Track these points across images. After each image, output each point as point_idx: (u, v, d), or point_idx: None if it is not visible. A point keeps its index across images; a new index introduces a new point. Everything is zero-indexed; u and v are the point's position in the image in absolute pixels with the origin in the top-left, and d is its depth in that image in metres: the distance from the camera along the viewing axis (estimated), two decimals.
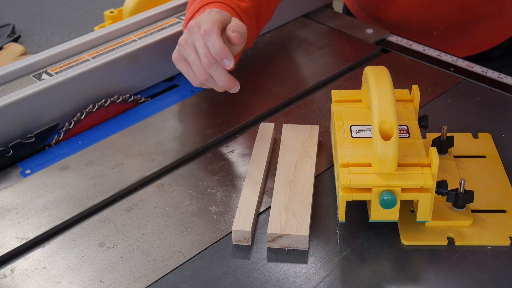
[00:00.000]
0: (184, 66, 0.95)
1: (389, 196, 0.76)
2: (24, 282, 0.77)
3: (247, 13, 1.01)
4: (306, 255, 0.80)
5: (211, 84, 0.93)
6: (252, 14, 1.02)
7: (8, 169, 0.95)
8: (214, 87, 0.93)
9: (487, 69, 1.12)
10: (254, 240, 0.82)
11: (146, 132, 1.00)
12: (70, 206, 0.87)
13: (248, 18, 1.01)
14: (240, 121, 1.01)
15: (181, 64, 0.95)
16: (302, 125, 0.97)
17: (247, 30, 0.97)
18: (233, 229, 0.81)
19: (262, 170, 0.90)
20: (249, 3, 1.02)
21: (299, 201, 0.84)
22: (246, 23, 1.00)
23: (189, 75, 0.95)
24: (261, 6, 1.06)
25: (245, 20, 1.00)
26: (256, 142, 0.94)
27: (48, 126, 0.99)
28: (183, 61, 0.95)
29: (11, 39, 1.83)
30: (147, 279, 0.77)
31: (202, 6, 0.99)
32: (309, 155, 0.91)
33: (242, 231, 0.80)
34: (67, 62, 1.03)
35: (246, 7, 1.01)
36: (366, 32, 1.23)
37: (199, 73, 0.92)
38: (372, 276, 0.77)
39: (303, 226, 0.80)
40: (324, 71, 1.14)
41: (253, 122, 1.02)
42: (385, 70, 0.83)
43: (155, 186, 0.91)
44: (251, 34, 1.03)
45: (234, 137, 0.99)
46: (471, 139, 0.96)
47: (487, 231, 0.81)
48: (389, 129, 0.77)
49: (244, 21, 1.00)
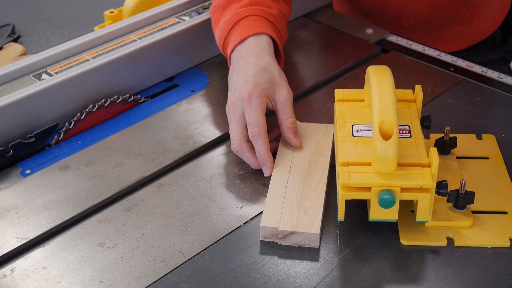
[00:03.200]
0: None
1: (388, 196, 0.76)
2: (24, 282, 0.77)
3: (278, 19, 1.02)
4: (306, 255, 0.80)
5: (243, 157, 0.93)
6: (281, 18, 1.04)
7: (8, 169, 0.95)
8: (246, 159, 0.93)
9: (487, 69, 1.12)
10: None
11: (146, 132, 1.00)
12: (70, 206, 0.87)
13: (280, 24, 1.03)
14: None
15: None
16: (317, 124, 0.97)
17: (282, 33, 1.01)
18: (261, 226, 0.81)
19: (289, 167, 0.90)
20: (276, 7, 1.04)
21: (311, 199, 0.84)
22: (280, 29, 1.02)
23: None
24: (282, 6, 1.08)
25: (278, 26, 1.01)
26: (281, 139, 0.95)
27: (48, 126, 0.99)
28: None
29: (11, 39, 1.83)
30: (147, 279, 0.77)
31: (237, 22, 1.00)
32: (323, 153, 0.92)
33: (270, 227, 0.81)
34: (67, 62, 1.03)
35: (277, 14, 1.02)
36: (366, 32, 1.23)
37: (234, 140, 0.91)
38: (372, 276, 0.77)
39: (314, 224, 0.81)
40: (324, 71, 1.14)
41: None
42: (387, 69, 0.83)
43: (155, 186, 0.91)
44: (286, 37, 1.05)
45: None
46: (475, 140, 0.96)
47: (487, 232, 0.81)
48: (389, 129, 0.77)
49: (278, 27, 1.01)
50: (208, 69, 1.15)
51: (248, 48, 0.96)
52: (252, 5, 1.01)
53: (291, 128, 0.92)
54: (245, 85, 0.91)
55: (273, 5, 1.03)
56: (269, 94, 0.92)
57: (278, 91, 0.93)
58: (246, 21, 0.99)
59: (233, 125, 0.92)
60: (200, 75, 1.14)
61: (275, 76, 0.94)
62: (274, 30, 1.00)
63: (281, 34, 1.02)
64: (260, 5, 1.01)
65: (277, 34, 1.01)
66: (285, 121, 0.92)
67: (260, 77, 0.92)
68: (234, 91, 0.93)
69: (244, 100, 0.90)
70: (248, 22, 0.99)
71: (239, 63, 0.95)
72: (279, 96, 0.93)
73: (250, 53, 0.95)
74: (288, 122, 0.92)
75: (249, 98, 0.90)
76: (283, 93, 0.93)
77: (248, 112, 0.90)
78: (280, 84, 0.93)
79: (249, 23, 0.99)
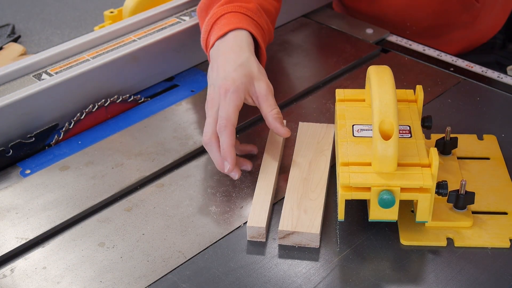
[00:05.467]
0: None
1: (388, 196, 0.76)
2: (24, 282, 0.77)
3: (257, 13, 1.01)
4: (306, 255, 0.80)
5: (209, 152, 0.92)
6: (261, 11, 1.03)
7: (8, 169, 0.95)
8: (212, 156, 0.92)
9: (487, 69, 1.12)
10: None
11: (146, 132, 1.00)
12: (70, 206, 0.87)
13: (259, 17, 1.02)
14: (240, 121, 1.01)
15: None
16: (318, 124, 0.97)
17: (263, 27, 1.00)
18: (248, 225, 0.81)
19: (275, 166, 0.90)
20: (255, 2, 1.03)
21: (312, 199, 0.84)
22: (259, 22, 1.01)
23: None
24: (265, 0, 1.07)
25: (257, 19, 1.01)
26: (268, 138, 0.95)
27: (48, 126, 0.99)
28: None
29: (11, 39, 1.83)
30: (147, 279, 0.77)
31: (215, 21, 1.00)
32: (324, 153, 0.92)
33: (257, 227, 0.81)
34: (67, 62, 1.03)
35: (254, 7, 1.01)
36: (366, 32, 1.23)
37: (205, 132, 0.91)
38: (371, 276, 0.77)
39: (314, 224, 0.81)
40: (324, 71, 1.14)
41: (252, 122, 1.02)
42: (388, 69, 0.83)
43: (155, 186, 0.91)
44: (268, 30, 1.04)
45: None
46: (476, 140, 0.96)
47: (487, 233, 0.81)
48: (389, 129, 0.77)
49: (257, 21, 1.00)
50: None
51: (227, 45, 0.96)
52: (229, 3, 1.01)
53: (277, 119, 0.91)
54: (224, 81, 0.91)
55: (252, 0, 1.03)
56: (249, 89, 0.92)
57: (257, 85, 0.92)
58: (224, 19, 0.99)
59: (208, 119, 0.91)
60: (200, 75, 1.14)
61: (254, 71, 0.93)
62: (253, 23, 0.99)
63: (261, 27, 1.01)
64: (237, 2, 1.01)
65: (256, 27, 1.00)
66: (270, 112, 0.91)
67: (239, 72, 0.92)
68: (214, 87, 0.92)
69: (221, 95, 0.90)
70: (225, 19, 0.99)
71: (218, 60, 0.95)
72: (260, 89, 0.92)
73: (229, 49, 0.95)
74: (273, 113, 0.91)
75: (226, 93, 0.90)
76: (263, 87, 0.92)
77: (221, 106, 0.90)
78: (259, 78, 0.93)
79: (226, 20, 0.98)
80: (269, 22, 1.05)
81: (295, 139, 0.95)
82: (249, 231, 0.81)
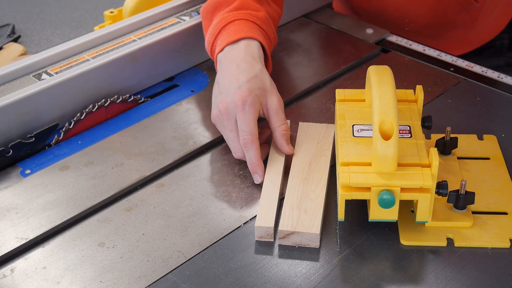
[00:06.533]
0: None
1: (388, 196, 0.76)
2: (24, 282, 0.77)
3: (266, 22, 1.02)
4: (306, 255, 0.80)
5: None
6: (269, 20, 1.04)
7: (8, 169, 0.95)
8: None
9: (487, 69, 1.12)
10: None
11: (146, 132, 1.00)
12: (70, 206, 0.87)
13: (268, 26, 1.02)
14: None
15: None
16: (318, 124, 0.97)
17: (270, 36, 1.01)
18: (256, 225, 0.81)
19: (281, 166, 0.90)
20: (264, 10, 1.03)
21: (312, 199, 0.84)
22: (268, 31, 1.02)
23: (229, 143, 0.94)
24: (271, 8, 1.07)
25: (266, 29, 1.01)
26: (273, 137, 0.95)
27: (48, 126, 0.99)
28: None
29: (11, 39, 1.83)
30: (147, 279, 0.77)
31: (224, 26, 1.00)
32: (324, 153, 0.92)
33: (265, 227, 0.81)
34: (67, 62, 1.03)
35: (264, 16, 1.02)
36: (366, 32, 1.23)
37: (235, 148, 0.92)
38: (372, 276, 0.77)
39: (314, 224, 0.81)
40: (324, 71, 1.14)
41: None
42: (388, 70, 0.83)
43: (155, 186, 0.91)
44: (274, 39, 1.05)
45: None
46: (476, 140, 0.96)
47: (487, 233, 0.81)
48: (389, 129, 0.77)
49: (266, 30, 1.01)
50: (208, 69, 1.15)
51: (239, 53, 0.96)
52: (238, 9, 1.01)
53: (284, 135, 0.92)
54: (239, 91, 0.91)
55: (261, 8, 1.03)
56: (261, 101, 0.93)
57: (269, 98, 0.93)
58: (233, 26, 0.99)
59: (230, 133, 0.92)
60: (200, 75, 1.14)
61: (267, 84, 0.94)
62: (262, 33, 1.00)
63: (269, 36, 1.02)
64: (247, 9, 1.01)
65: (265, 37, 1.01)
66: (278, 127, 0.92)
67: (253, 84, 0.92)
68: (226, 95, 0.92)
69: (238, 106, 0.90)
70: (234, 26, 0.99)
71: (230, 67, 0.95)
72: (271, 103, 0.93)
73: (242, 59, 0.95)
74: (281, 128, 0.92)
75: (243, 104, 0.90)
76: (275, 101, 0.93)
77: (241, 118, 0.90)
78: (272, 92, 0.94)
79: (235, 27, 0.99)
80: (275, 31, 1.06)
81: (295, 139, 0.95)
82: (257, 231, 0.81)
